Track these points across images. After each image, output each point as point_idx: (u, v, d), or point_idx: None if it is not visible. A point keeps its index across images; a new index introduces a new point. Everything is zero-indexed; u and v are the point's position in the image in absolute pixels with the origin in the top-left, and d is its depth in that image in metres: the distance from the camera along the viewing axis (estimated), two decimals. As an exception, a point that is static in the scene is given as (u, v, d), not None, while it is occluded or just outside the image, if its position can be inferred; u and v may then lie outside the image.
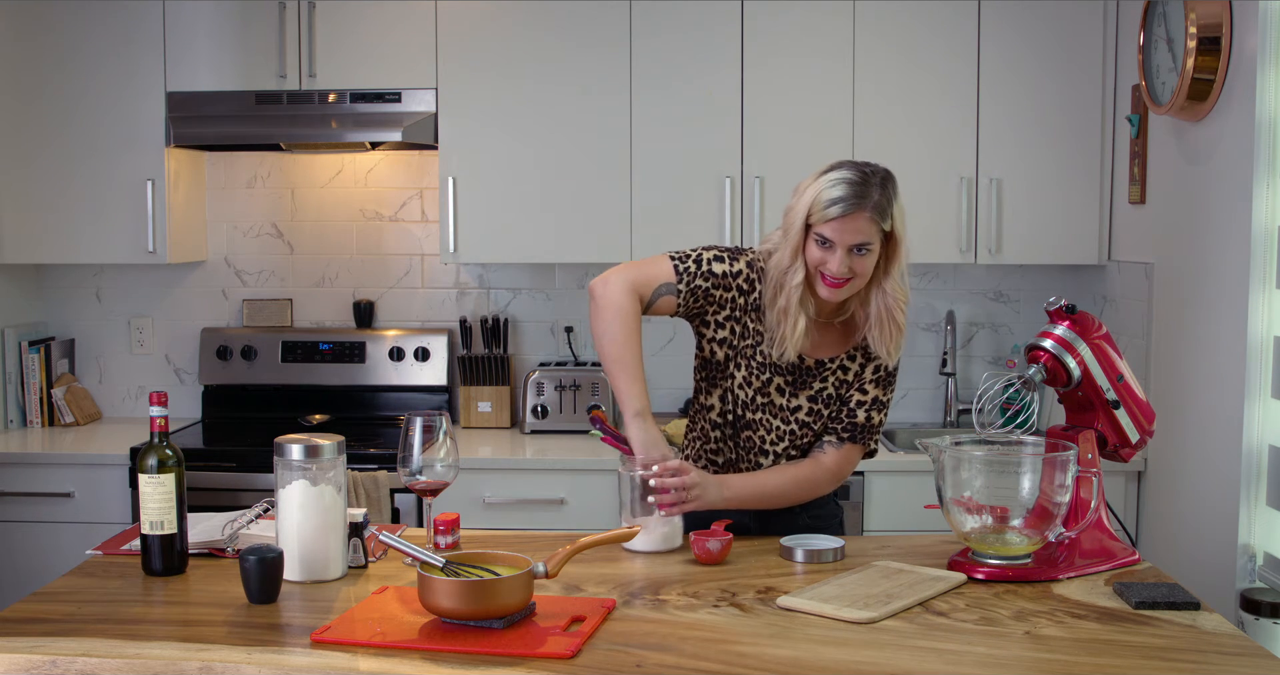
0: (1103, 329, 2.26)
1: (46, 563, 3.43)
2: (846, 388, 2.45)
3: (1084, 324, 2.24)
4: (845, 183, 2.28)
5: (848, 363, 2.46)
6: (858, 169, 2.31)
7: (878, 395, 2.46)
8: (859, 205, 2.27)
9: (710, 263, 2.42)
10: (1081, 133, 3.68)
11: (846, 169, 2.31)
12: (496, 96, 3.73)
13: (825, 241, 2.30)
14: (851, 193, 2.27)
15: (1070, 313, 2.23)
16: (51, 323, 4.20)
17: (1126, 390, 2.25)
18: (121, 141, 3.80)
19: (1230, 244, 2.88)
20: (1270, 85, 2.75)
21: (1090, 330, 2.24)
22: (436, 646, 1.79)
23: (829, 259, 2.30)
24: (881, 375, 2.46)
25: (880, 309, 2.39)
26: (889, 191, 2.30)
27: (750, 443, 2.48)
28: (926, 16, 3.66)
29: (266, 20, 3.74)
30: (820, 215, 2.29)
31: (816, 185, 2.31)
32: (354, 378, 4.07)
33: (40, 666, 1.75)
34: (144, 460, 2.14)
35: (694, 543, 2.21)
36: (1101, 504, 2.21)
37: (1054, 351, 2.22)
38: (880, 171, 2.33)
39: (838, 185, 2.28)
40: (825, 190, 2.29)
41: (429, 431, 2.23)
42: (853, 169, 2.31)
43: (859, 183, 2.28)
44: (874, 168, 2.33)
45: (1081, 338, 2.23)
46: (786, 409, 2.44)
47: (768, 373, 2.43)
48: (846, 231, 2.28)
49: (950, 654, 1.78)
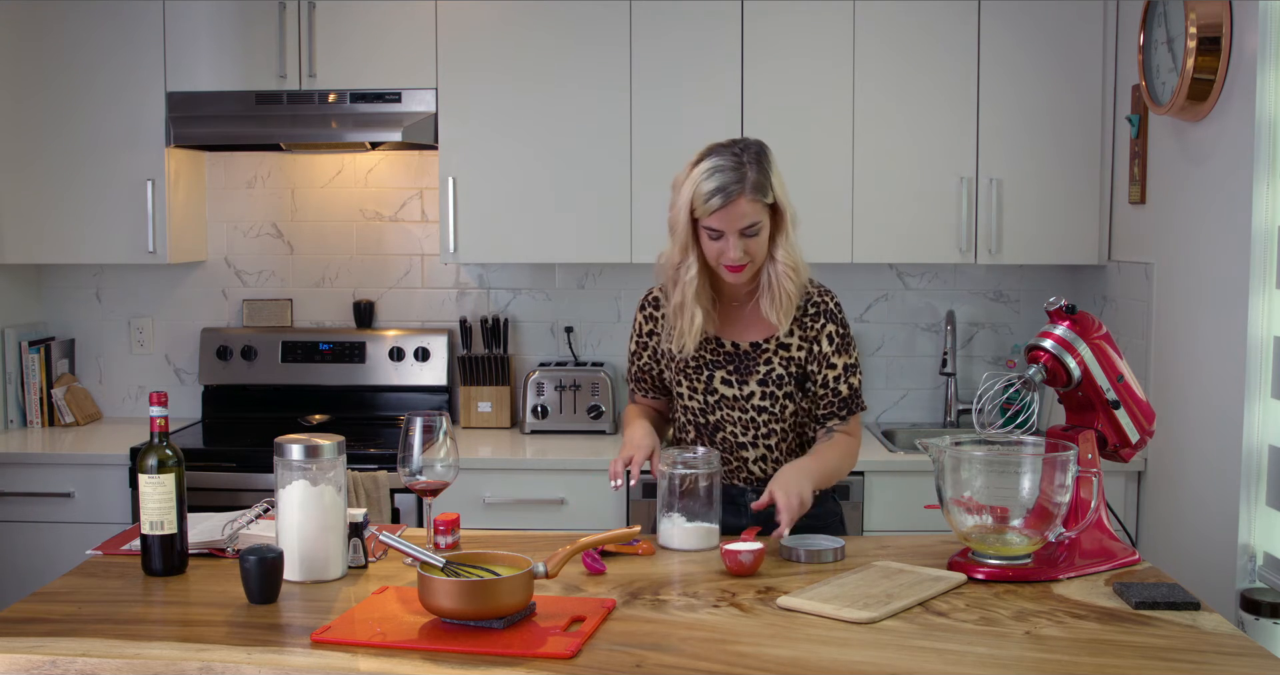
0: (1103, 329, 2.26)
1: (46, 563, 3.43)
2: (807, 365, 2.47)
3: (1084, 324, 2.24)
4: (718, 171, 2.31)
5: (787, 339, 2.47)
6: (728, 152, 2.34)
7: (846, 361, 2.48)
8: (738, 190, 2.30)
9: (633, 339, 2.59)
10: (1081, 133, 3.68)
11: (716, 156, 2.34)
12: (496, 96, 3.73)
13: (715, 232, 2.34)
14: (727, 180, 2.30)
15: (1070, 313, 2.23)
16: (51, 323, 4.20)
17: (1126, 390, 2.25)
18: (121, 141, 3.80)
19: (1230, 244, 2.88)
20: (1270, 85, 2.75)
21: (1090, 330, 2.24)
22: (436, 646, 1.79)
23: (725, 248, 2.34)
24: (838, 342, 2.48)
25: (770, 277, 2.42)
26: (764, 166, 2.34)
27: (726, 444, 2.50)
28: (926, 16, 3.66)
29: (266, 20, 3.74)
30: (703, 209, 2.32)
31: (691, 179, 2.34)
32: (354, 378, 4.07)
33: (40, 666, 1.75)
34: (144, 460, 2.14)
35: (725, 555, 2.16)
36: (1101, 504, 2.21)
37: (1054, 352, 2.23)
38: (751, 147, 2.36)
39: (712, 175, 2.31)
40: (702, 183, 2.32)
41: (429, 431, 2.23)
42: (723, 154, 2.34)
43: (732, 167, 2.32)
44: (744, 145, 2.36)
45: (1081, 338, 2.23)
46: (741, 398, 2.47)
47: (705, 370, 2.47)
48: (732, 218, 2.32)
49: (950, 654, 1.78)
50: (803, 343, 2.47)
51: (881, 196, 3.70)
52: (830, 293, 2.52)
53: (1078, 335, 2.23)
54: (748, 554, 2.15)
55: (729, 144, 2.37)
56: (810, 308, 2.48)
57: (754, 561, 2.15)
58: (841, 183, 3.70)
